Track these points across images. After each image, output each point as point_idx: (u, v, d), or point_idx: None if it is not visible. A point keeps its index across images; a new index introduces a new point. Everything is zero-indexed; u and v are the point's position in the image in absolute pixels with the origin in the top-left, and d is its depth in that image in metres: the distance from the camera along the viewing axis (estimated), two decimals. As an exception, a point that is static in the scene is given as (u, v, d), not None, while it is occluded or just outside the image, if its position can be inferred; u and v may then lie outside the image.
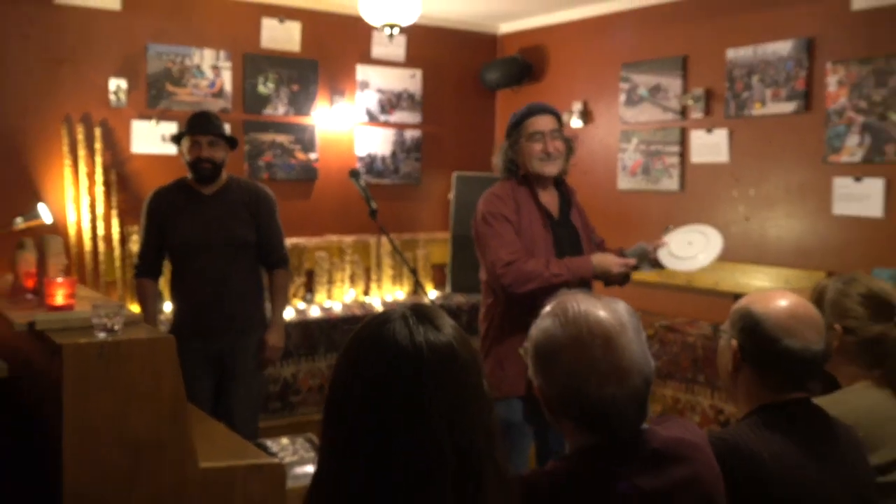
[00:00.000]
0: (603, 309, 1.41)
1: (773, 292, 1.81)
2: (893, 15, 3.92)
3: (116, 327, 2.30)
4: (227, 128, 3.63)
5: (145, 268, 3.62)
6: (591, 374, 1.36)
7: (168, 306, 4.09)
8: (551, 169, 3.03)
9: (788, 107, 4.31)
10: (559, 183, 3.16)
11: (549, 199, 3.11)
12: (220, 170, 3.51)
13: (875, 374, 2.00)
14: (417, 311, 1.15)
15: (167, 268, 3.73)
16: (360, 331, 1.16)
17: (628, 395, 1.37)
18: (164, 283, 3.91)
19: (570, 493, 1.36)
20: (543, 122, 3.03)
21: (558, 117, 3.10)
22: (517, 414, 2.93)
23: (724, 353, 1.83)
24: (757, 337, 1.73)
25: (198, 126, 3.46)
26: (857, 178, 4.06)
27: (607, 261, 2.92)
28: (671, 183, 4.85)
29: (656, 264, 2.99)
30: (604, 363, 1.36)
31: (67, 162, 4.43)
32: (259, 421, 3.86)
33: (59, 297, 2.50)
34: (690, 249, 2.99)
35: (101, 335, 2.26)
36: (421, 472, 1.06)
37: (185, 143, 3.48)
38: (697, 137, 4.74)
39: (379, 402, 1.08)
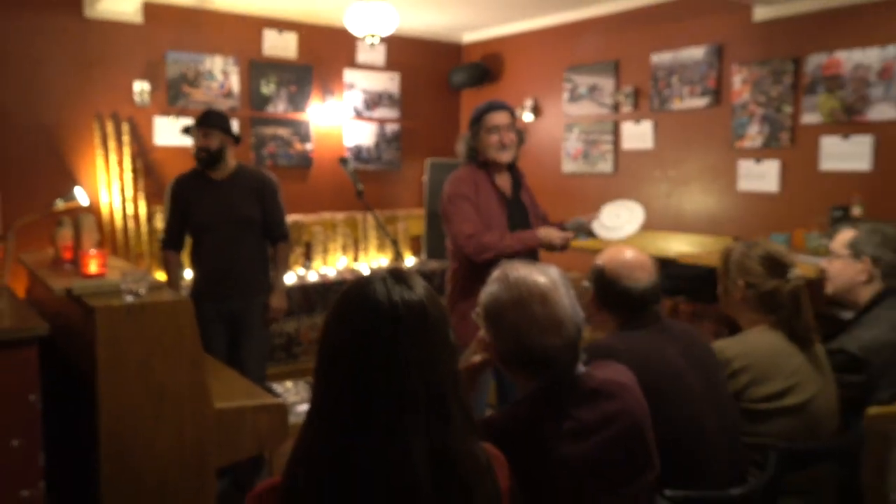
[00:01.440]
0: (538, 273, 1.42)
1: (618, 248, 1.93)
2: (786, 25, 3.90)
3: (142, 291, 2.25)
4: (234, 123, 3.56)
5: (170, 241, 3.59)
6: (532, 326, 1.36)
7: (189, 274, 4.02)
8: (505, 157, 2.98)
9: (702, 102, 4.30)
10: (512, 168, 3.12)
11: (503, 181, 3.06)
12: (215, 157, 3.42)
13: (771, 320, 2.01)
14: (394, 274, 1.12)
15: (188, 241, 3.69)
16: (347, 291, 1.13)
17: (564, 342, 1.37)
18: (185, 255, 3.84)
19: (523, 430, 1.35)
20: (500, 118, 2.98)
21: (512, 113, 3.04)
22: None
23: (585, 296, 1.87)
24: (602, 283, 1.87)
25: (197, 121, 3.43)
26: (758, 160, 4.06)
27: (551, 234, 2.90)
28: (606, 166, 4.83)
29: (591, 234, 2.98)
30: (542, 317, 1.36)
31: (100, 152, 4.32)
32: (266, 368, 3.83)
33: (93, 267, 2.44)
34: (618, 221, 2.98)
35: (129, 298, 2.21)
36: (396, 406, 1.04)
37: (194, 135, 3.45)
38: (627, 128, 4.72)
39: (362, 349, 1.06)
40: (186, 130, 3.50)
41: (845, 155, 3.69)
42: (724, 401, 1.80)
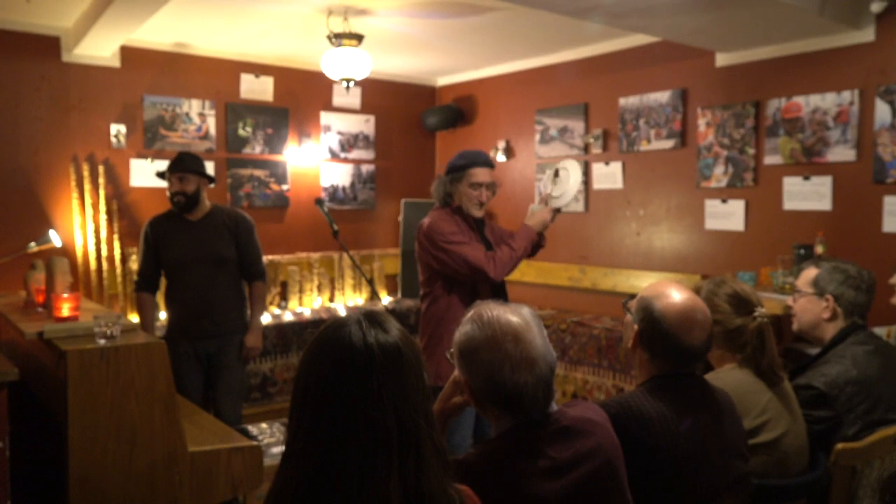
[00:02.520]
0: (511, 313, 1.41)
1: (673, 290, 1.77)
2: (747, 71, 4.03)
3: (115, 334, 2.22)
4: (210, 165, 3.56)
5: (144, 283, 3.55)
6: (504, 364, 1.35)
7: (164, 314, 3.97)
8: (480, 213, 3.03)
9: (668, 143, 4.39)
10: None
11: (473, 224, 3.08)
12: (192, 200, 3.42)
13: (738, 357, 2.03)
14: (369, 317, 1.13)
15: (163, 282, 3.65)
16: (321, 332, 1.13)
17: (537, 380, 1.37)
18: (160, 296, 3.80)
19: (496, 468, 1.35)
20: (484, 175, 2.99)
21: (490, 167, 3.05)
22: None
23: (628, 329, 1.81)
24: (654, 331, 1.73)
25: (171, 166, 3.42)
26: (724, 200, 4.14)
27: (537, 218, 2.94)
28: (578, 205, 4.90)
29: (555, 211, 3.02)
30: (514, 355, 1.36)
31: (75, 194, 4.28)
32: (242, 407, 3.78)
33: (65, 310, 2.40)
34: (563, 185, 3.03)
35: (102, 341, 2.18)
36: (370, 447, 1.04)
37: (168, 179, 3.44)
38: (597, 169, 4.80)
39: (336, 390, 1.06)
40: (161, 175, 3.49)
41: (807, 195, 3.79)
42: (740, 473, 1.72)
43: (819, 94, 3.72)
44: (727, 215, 4.12)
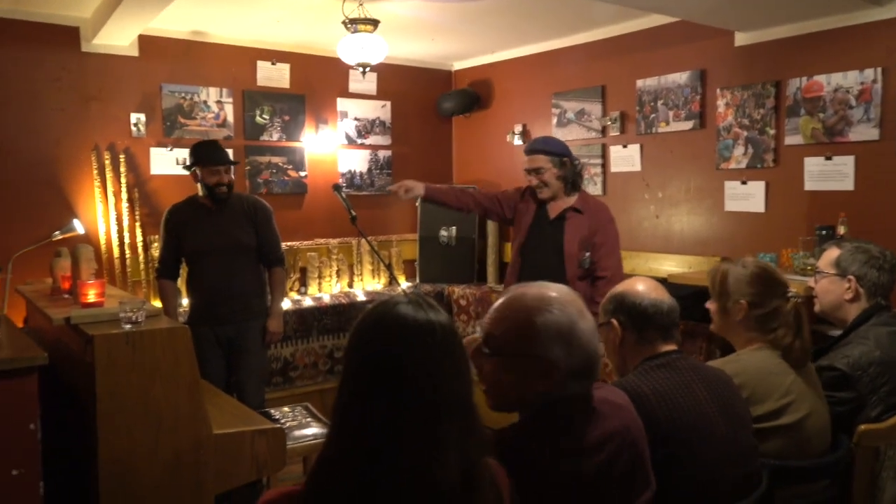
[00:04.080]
0: (556, 290, 1.46)
1: (627, 282, 1.89)
2: (767, 50, 3.97)
3: (140, 319, 2.25)
4: (229, 153, 3.61)
5: (165, 271, 3.62)
6: (594, 329, 1.42)
7: (186, 301, 4.02)
8: (541, 195, 3.28)
9: (687, 125, 4.35)
10: (582, 203, 3.29)
11: (556, 207, 3.31)
12: (232, 189, 3.53)
13: (769, 339, 2.01)
14: (420, 297, 1.16)
15: (183, 269, 3.70)
16: (376, 310, 1.14)
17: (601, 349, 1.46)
18: (181, 282, 3.85)
19: (532, 444, 1.35)
20: (528, 162, 3.30)
21: (549, 153, 3.23)
22: None
23: (609, 336, 1.85)
24: (626, 306, 1.81)
25: (215, 157, 3.45)
26: (743, 182, 4.11)
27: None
28: (596, 189, 4.88)
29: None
30: (591, 319, 1.44)
31: (97, 183, 4.33)
32: (265, 391, 3.83)
33: (91, 296, 2.44)
34: None
35: (127, 326, 2.21)
36: (433, 418, 1.06)
37: (203, 170, 3.47)
38: (615, 151, 4.77)
39: (400, 362, 1.08)
40: (189, 167, 3.51)
41: (828, 175, 3.74)
42: (746, 445, 1.74)
43: (841, 72, 3.66)
44: (747, 197, 4.09)
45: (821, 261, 2.45)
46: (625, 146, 4.68)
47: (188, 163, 3.55)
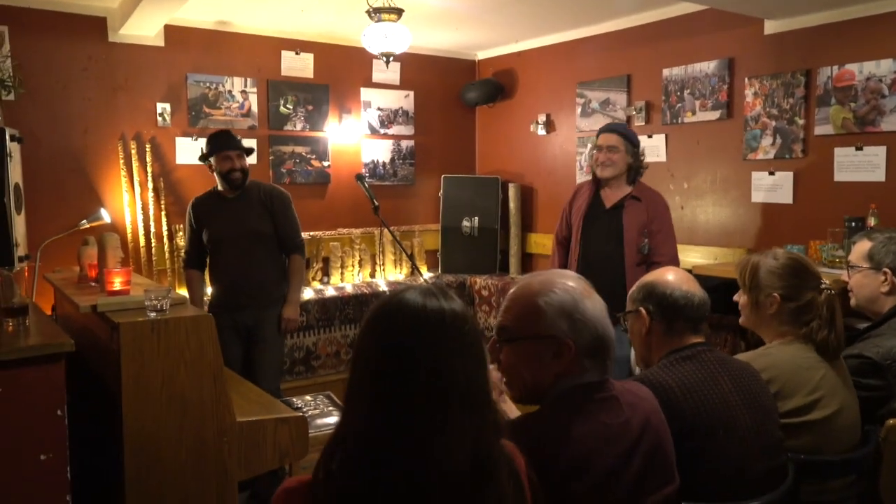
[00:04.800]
0: (561, 275, 1.50)
1: (658, 272, 1.87)
2: (798, 38, 3.90)
3: (165, 307, 2.27)
4: (253, 142, 3.65)
5: (191, 261, 3.72)
6: (604, 312, 1.44)
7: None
8: (603, 173, 3.42)
9: (714, 115, 4.29)
10: (638, 190, 3.43)
11: (611, 195, 3.45)
12: (247, 176, 3.56)
13: (801, 332, 1.97)
14: (432, 287, 1.16)
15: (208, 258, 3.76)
16: (388, 300, 1.14)
17: (612, 330, 1.46)
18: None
19: (553, 430, 1.35)
20: (604, 139, 3.44)
21: (627, 138, 3.42)
22: None
23: (636, 324, 1.84)
24: (656, 296, 1.79)
25: (225, 144, 3.50)
26: (771, 173, 4.04)
27: None
28: (619, 179, 4.81)
29: None
30: (603, 308, 1.45)
31: (123, 172, 4.38)
32: (281, 379, 3.88)
33: (117, 284, 2.47)
34: None
35: (152, 314, 2.24)
36: (442, 406, 1.06)
37: (216, 158, 3.51)
38: (640, 141, 4.70)
39: (410, 350, 1.08)
40: (204, 158, 3.58)
41: (859, 165, 3.67)
42: (772, 439, 1.71)
43: (874, 60, 3.58)
44: (775, 188, 4.02)
45: (852, 254, 2.40)
46: (650, 136, 4.63)
47: (204, 154, 3.60)
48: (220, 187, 3.61)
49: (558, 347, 1.39)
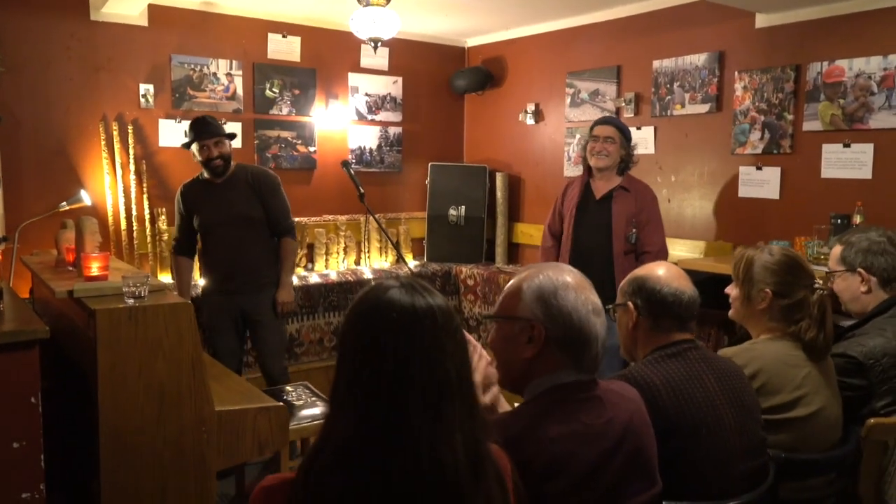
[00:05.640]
0: (557, 266, 1.48)
1: (650, 266, 1.85)
2: (788, 32, 3.89)
3: (143, 294, 2.24)
4: (238, 126, 3.61)
5: (181, 247, 3.71)
6: (587, 305, 1.40)
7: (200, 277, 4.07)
8: (598, 163, 3.51)
9: (703, 108, 4.28)
10: (627, 182, 3.52)
11: (601, 185, 3.54)
12: (229, 162, 3.53)
13: (790, 330, 1.97)
14: (413, 282, 1.14)
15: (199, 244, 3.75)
16: (369, 295, 1.11)
17: (601, 330, 1.42)
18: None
19: (532, 430, 1.33)
20: (601, 130, 3.54)
21: (622, 132, 3.51)
22: None
23: (623, 317, 1.82)
24: (646, 291, 1.77)
25: (203, 132, 3.46)
26: (759, 167, 4.04)
27: None
28: (607, 171, 4.80)
29: None
30: (594, 301, 1.42)
31: (105, 154, 4.31)
32: (285, 360, 3.91)
33: (94, 269, 2.43)
34: None
35: (130, 301, 2.20)
36: (435, 399, 1.05)
37: (195, 147, 3.50)
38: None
39: (397, 347, 1.06)
40: (187, 145, 3.55)
41: (846, 162, 3.67)
42: (754, 439, 1.71)
43: (864, 57, 3.57)
44: (762, 183, 4.02)
45: (830, 260, 2.42)
46: (639, 128, 4.61)
47: (185, 143, 3.58)
48: (205, 174, 3.57)
49: (529, 331, 1.40)
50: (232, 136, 3.61)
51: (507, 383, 1.48)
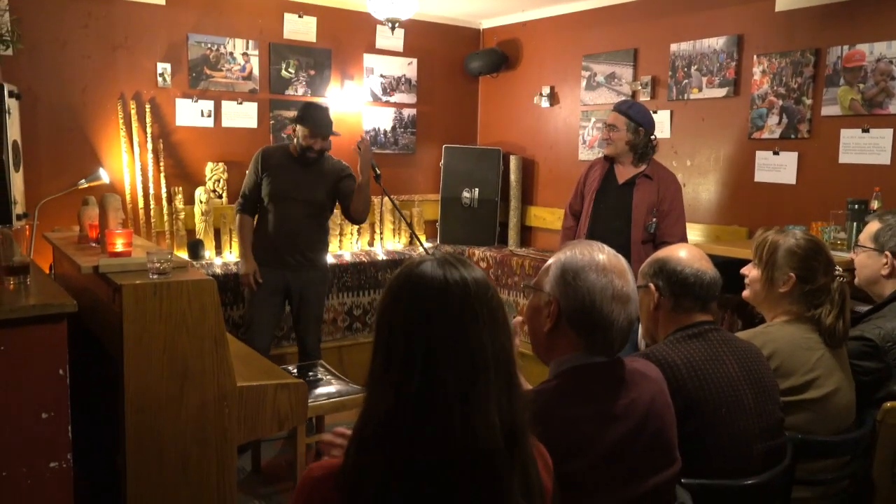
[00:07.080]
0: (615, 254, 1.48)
1: (669, 249, 1.87)
2: (809, 15, 3.86)
3: (167, 270, 2.27)
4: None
5: (246, 205, 3.84)
6: (608, 290, 1.39)
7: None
8: (605, 150, 3.54)
9: (720, 92, 4.26)
10: (652, 169, 3.48)
11: (623, 171, 3.51)
12: (323, 155, 3.73)
13: (809, 315, 1.98)
14: (450, 257, 1.15)
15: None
16: (406, 271, 1.12)
17: (626, 318, 1.41)
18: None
19: (555, 408, 1.35)
20: (608, 117, 3.54)
21: (630, 118, 3.46)
22: None
23: (644, 299, 1.83)
24: (667, 272, 1.79)
25: (319, 131, 3.61)
26: (776, 152, 4.03)
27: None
28: (622, 154, 4.79)
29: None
30: (618, 286, 1.40)
31: (122, 133, 4.34)
32: (321, 333, 4.02)
33: (119, 245, 2.46)
34: None
35: (154, 277, 2.23)
36: (470, 374, 1.06)
37: (303, 131, 3.62)
38: (651, 119, 4.67)
39: (436, 321, 1.07)
40: (297, 122, 3.66)
41: (864, 148, 3.66)
42: (773, 419, 1.73)
43: (884, 41, 3.55)
44: (778, 168, 4.01)
45: (862, 234, 2.41)
46: (655, 112, 4.58)
47: (296, 116, 3.70)
48: (293, 150, 3.72)
49: (548, 304, 1.44)
50: (336, 135, 3.78)
51: (535, 350, 1.52)
